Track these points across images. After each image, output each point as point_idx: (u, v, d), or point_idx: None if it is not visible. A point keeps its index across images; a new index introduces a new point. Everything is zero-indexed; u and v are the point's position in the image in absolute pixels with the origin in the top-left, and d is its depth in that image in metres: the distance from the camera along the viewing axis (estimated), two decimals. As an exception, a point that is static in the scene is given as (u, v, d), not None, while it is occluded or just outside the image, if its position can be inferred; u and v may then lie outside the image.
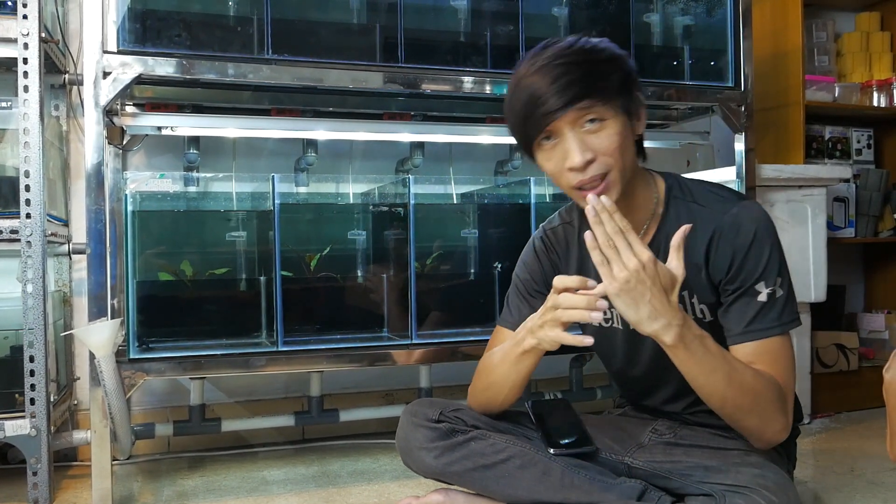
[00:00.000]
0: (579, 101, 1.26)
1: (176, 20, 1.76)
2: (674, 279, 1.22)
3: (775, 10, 2.70)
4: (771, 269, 1.32)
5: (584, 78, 1.27)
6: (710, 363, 1.24)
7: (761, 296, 1.31)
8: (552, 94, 1.26)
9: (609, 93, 1.28)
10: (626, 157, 1.31)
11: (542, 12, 2.07)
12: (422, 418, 1.46)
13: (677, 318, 1.21)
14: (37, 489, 1.69)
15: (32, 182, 1.67)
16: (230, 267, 1.94)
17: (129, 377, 1.68)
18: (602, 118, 1.28)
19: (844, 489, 1.79)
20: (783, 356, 1.32)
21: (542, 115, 1.27)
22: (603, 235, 1.20)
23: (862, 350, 2.75)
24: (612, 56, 1.33)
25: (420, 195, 1.96)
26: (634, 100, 1.34)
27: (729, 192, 1.41)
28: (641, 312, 1.20)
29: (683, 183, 1.44)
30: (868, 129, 3.02)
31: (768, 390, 1.27)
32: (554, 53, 1.30)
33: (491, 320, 2.03)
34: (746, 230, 1.33)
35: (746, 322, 1.32)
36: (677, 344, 1.22)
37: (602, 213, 1.20)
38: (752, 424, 1.30)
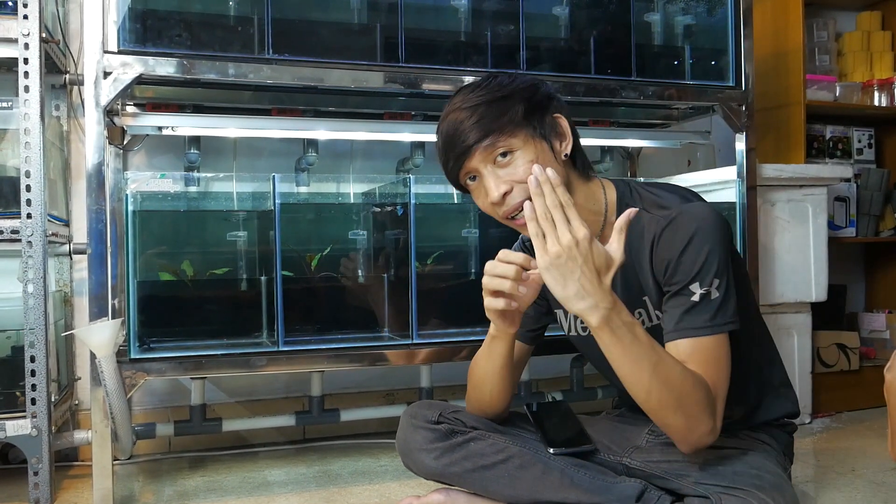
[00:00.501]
0: (483, 139, 1.31)
1: (176, 20, 1.76)
2: (609, 261, 1.20)
3: (776, 9, 2.70)
4: (706, 271, 1.29)
5: (485, 116, 1.32)
6: (636, 351, 1.20)
7: (694, 296, 1.28)
8: (459, 138, 1.33)
9: (512, 125, 1.32)
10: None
11: (542, 12, 2.07)
12: (421, 420, 1.47)
13: (606, 301, 1.18)
14: (38, 489, 1.69)
15: (33, 182, 1.67)
16: (231, 267, 1.94)
17: (130, 377, 1.68)
18: (510, 150, 1.32)
19: (845, 489, 1.79)
20: (714, 358, 1.27)
21: (455, 157, 1.35)
22: (541, 207, 1.19)
23: (863, 350, 2.74)
24: (514, 90, 1.36)
25: (421, 195, 1.96)
26: (548, 123, 1.36)
27: (676, 197, 1.40)
28: (569, 289, 1.18)
29: (635, 189, 1.43)
30: (869, 129, 3.02)
31: (696, 390, 1.22)
32: (461, 98, 1.37)
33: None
34: (684, 232, 1.31)
35: (677, 320, 1.29)
36: (602, 326, 1.19)
37: (545, 185, 1.20)
38: (677, 424, 1.24)
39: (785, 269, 2.39)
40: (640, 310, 1.41)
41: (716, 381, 1.26)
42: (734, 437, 1.47)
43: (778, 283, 2.38)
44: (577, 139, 1.40)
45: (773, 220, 2.37)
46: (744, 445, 1.45)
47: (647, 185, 1.45)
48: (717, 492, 1.30)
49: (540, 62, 2.02)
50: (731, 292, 1.31)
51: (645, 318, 1.41)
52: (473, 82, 1.41)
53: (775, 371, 1.54)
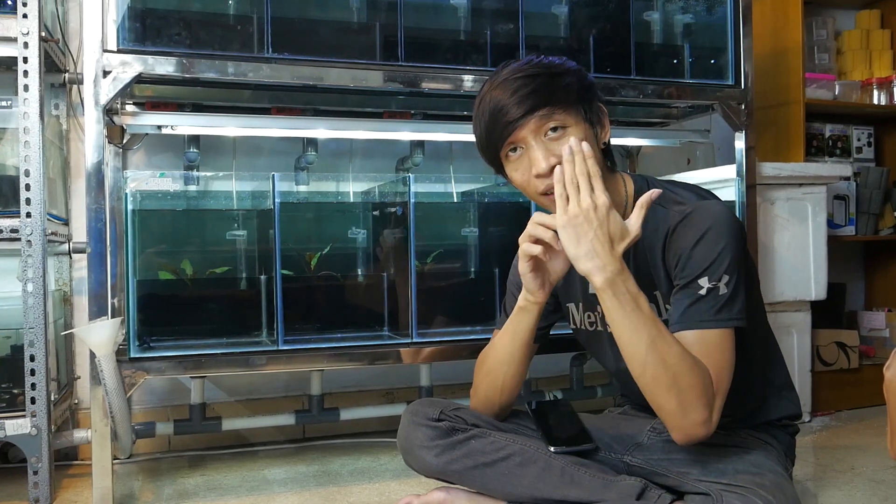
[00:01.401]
0: (540, 109, 1.31)
1: (176, 19, 1.76)
2: (625, 232, 1.25)
3: (775, 7, 2.70)
4: (717, 266, 1.30)
5: (543, 87, 1.32)
6: (636, 320, 1.23)
7: (702, 290, 1.29)
8: (513, 105, 1.32)
9: (568, 101, 1.32)
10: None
11: (542, 10, 2.07)
12: (422, 417, 1.47)
13: (613, 265, 1.23)
14: (37, 488, 1.69)
15: (33, 181, 1.67)
16: (230, 266, 1.94)
17: (130, 376, 1.68)
18: (564, 125, 1.32)
19: (845, 487, 1.79)
20: (716, 351, 1.27)
21: (504, 125, 1.33)
22: (570, 173, 1.26)
23: (862, 348, 2.74)
24: (569, 69, 1.37)
25: (420, 194, 1.96)
26: (595, 109, 1.38)
27: (692, 194, 1.42)
28: (581, 248, 1.24)
29: (653, 185, 1.45)
30: (868, 127, 3.02)
31: (693, 374, 1.22)
32: (512, 69, 1.36)
33: (491, 318, 2.03)
34: (698, 227, 1.32)
35: (682, 310, 1.30)
36: (605, 288, 1.23)
37: (577, 154, 1.26)
38: (669, 406, 1.23)
39: (784, 268, 2.39)
40: (651, 304, 1.40)
41: (717, 374, 1.26)
42: (736, 435, 1.47)
43: (777, 282, 2.38)
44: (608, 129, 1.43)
45: (772, 219, 2.37)
46: (745, 444, 1.45)
47: (664, 182, 1.46)
48: (718, 489, 1.30)
49: (539, 61, 2.02)
50: (740, 291, 1.31)
51: (655, 311, 1.39)
52: (518, 61, 1.39)
53: (778, 373, 1.54)
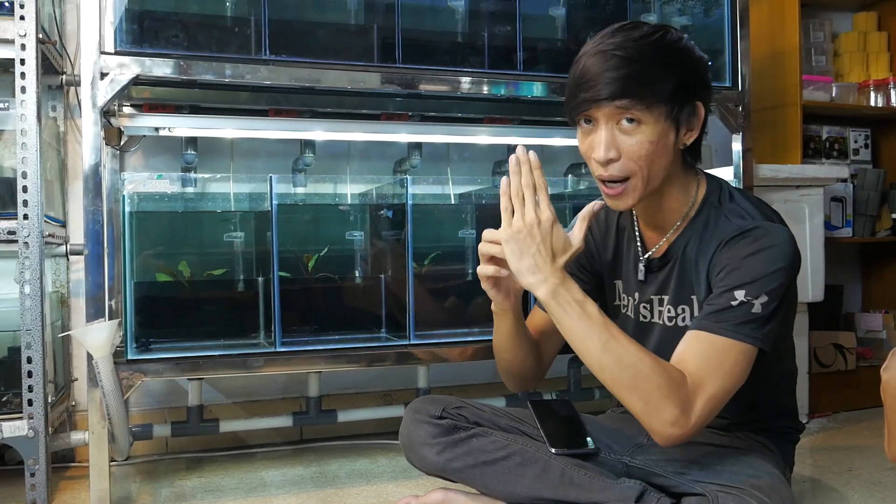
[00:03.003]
0: (619, 98, 1.27)
1: (173, 21, 1.76)
2: (567, 245, 1.27)
3: (773, 10, 2.71)
4: (759, 284, 1.26)
5: (633, 76, 1.27)
6: (585, 325, 1.24)
7: (734, 301, 1.26)
8: (598, 83, 1.27)
9: (656, 98, 1.28)
10: (654, 166, 1.31)
11: (539, 13, 2.07)
12: (425, 415, 1.48)
13: (556, 277, 1.25)
14: (34, 490, 1.69)
15: (30, 183, 1.67)
16: (228, 268, 1.94)
17: (127, 378, 1.67)
18: (639, 121, 1.28)
19: (842, 489, 1.79)
20: (717, 360, 1.24)
21: (583, 99, 1.30)
22: (516, 185, 1.28)
23: (859, 350, 2.75)
24: (679, 60, 1.32)
25: (418, 196, 1.96)
26: (688, 110, 1.33)
27: (759, 212, 1.36)
28: (523, 263, 1.26)
29: (725, 193, 1.41)
30: (865, 129, 3.02)
31: (656, 374, 1.20)
32: (619, 41, 1.30)
33: (489, 320, 2.03)
34: (754, 244, 1.29)
35: (707, 313, 1.28)
36: (549, 299, 1.25)
37: (523, 165, 1.28)
38: (635, 407, 1.22)
39: (782, 270, 2.39)
40: (684, 306, 1.41)
41: (705, 378, 1.23)
42: (735, 438, 1.47)
43: (775, 284, 2.38)
44: (702, 132, 1.38)
45: (769, 221, 2.37)
46: (743, 446, 1.45)
47: (739, 194, 1.42)
48: (714, 490, 1.30)
49: (537, 63, 2.03)
50: (774, 318, 1.28)
51: (686, 316, 1.41)
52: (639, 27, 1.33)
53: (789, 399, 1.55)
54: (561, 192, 2.25)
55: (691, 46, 1.36)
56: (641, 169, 1.30)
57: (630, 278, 1.52)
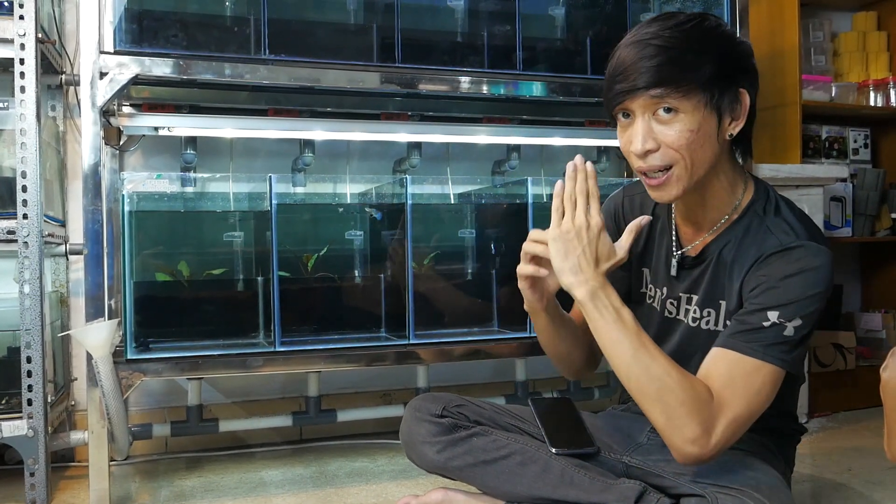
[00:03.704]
0: (656, 87, 1.23)
1: (173, 20, 1.76)
2: (612, 254, 1.28)
3: (772, 9, 2.70)
4: (794, 308, 1.24)
5: (668, 64, 1.23)
6: (618, 331, 1.24)
7: (767, 321, 1.23)
8: (632, 73, 1.25)
9: (694, 84, 1.24)
10: (697, 154, 1.27)
11: (539, 12, 2.07)
12: (425, 413, 1.48)
13: (596, 281, 1.25)
14: (34, 490, 1.69)
15: (29, 182, 1.67)
16: (227, 267, 1.94)
17: (127, 378, 1.68)
18: (676, 109, 1.24)
19: (842, 488, 1.79)
20: (744, 380, 1.22)
21: (617, 91, 1.27)
22: (570, 189, 1.28)
23: (859, 349, 2.75)
24: (718, 45, 1.27)
25: (417, 195, 1.96)
26: (731, 96, 1.28)
27: (805, 230, 1.31)
28: (567, 263, 1.26)
29: (771, 201, 1.37)
30: (865, 129, 3.02)
31: (682, 390, 1.19)
32: (655, 30, 1.26)
33: (489, 320, 2.04)
34: (795, 264, 1.26)
35: (735, 332, 1.26)
36: (587, 300, 1.25)
37: (580, 173, 1.28)
38: (657, 419, 1.22)
39: (781, 269, 2.39)
40: (710, 310, 1.39)
41: (730, 399, 1.21)
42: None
43: (774, 283, 2.38)
44: (751, 122, 1.33)
45: (769, 220, 2.37)
46: (744, 447, 1.44)
47: (786, 206, 1.37)
48: (713, 491, 1.30)
49: (536, 62, 2.03)
50: (804, 343, 1.26)
51: (711, 320, 1.39)
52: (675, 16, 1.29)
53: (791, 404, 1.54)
54: (560, 192, 2.24)
55: (731, 33, 1.32)
56: (684, 157, 1.26)
57: (659, 270, 1.50)
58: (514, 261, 1.53)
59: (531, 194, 2.05)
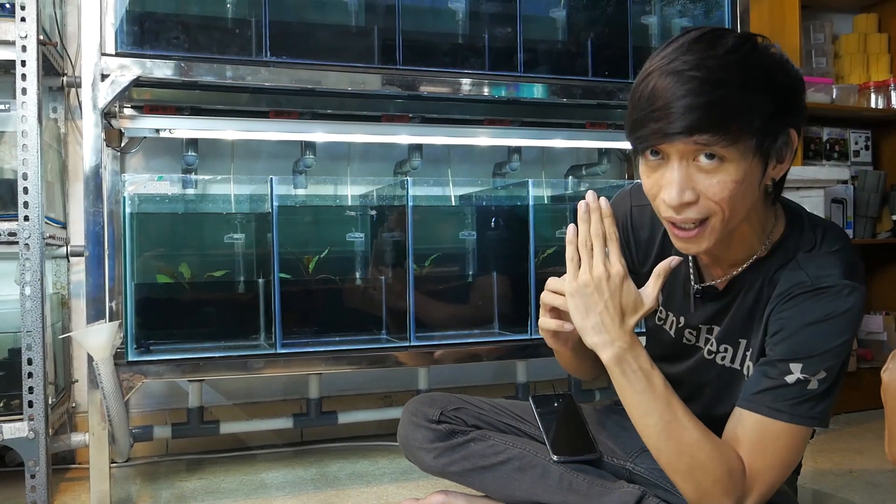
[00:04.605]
0: (701, 132, 1.04)
1: (174, 22, 1.76)
2: (638, 304, 1.15)
3: (773, 11, 2.71)
4: (819, 360, 1.14)
5: (720, 104, 1.04)
6: (648, 401, 1.15)
7: (790, 376, 1.14)
8: (672, 112, 1.05)
9: (744, 131, 1.05)
10: (738, 206, 1.11)
11: (539, 14, 2.07)
12: (422, 418, 1.46)
13: (623, 341, 1.14)
14: (35, 492, 1.69)
15: (30, 184, 1.67)
16: (228, 269, 1.94)
17: (128, 379, 1.67)
18: (722, 158, 1.06)
19: (843, 490, 1.79)
20: (774, 446, 1.14)
21: (653, 131, 1.07)
22: (584, 234, 1.16)
23: (860, 351, 2.75)
24: (772, 80, 1.08)
25: (418, 197, 1.96)
26: (781, 140, 1.11)
27: (840, 270, 1.17)
28: (588, 321, 1.15)
29: (806, 237, 1.22)
30: (866, 131, 3.02)
31: (715, 465, 1.12)
32: (698, 59, 1.05)
33: (490, 322, 2.04)
34: (822, 309, 1.14)
35: (758, 390, 1.16)
36: (613, 366, 1.15)
37: (593, 213, 1.16)
38: (687, 492, 1.15)
39: (782, 271, 2.39)
40: (728, 346, 1.31)
41: (761, 470, 1.14)
42: None
43: (775, 285, 2.38)
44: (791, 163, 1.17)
45: (770, 222, 2.37)
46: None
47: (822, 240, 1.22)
48: None
49: (537, 64, 2.03)
50: (832, 393, 1.16)
51: (727, 357, 1.31)
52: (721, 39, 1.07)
53: None
54: (562, 194, 2.24)
55: (786, 61, 1.12)
56: (723, 210, 1.09)
57: (675, 296, 1.37)
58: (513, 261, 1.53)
59: (532, 196, 2.05)
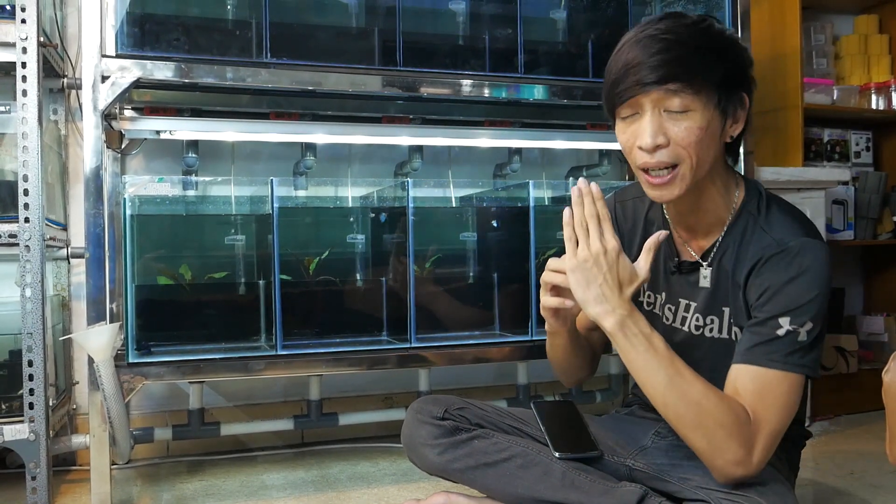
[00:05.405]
0: (670, 81, 1.23)
1: (174, 24, 1.76)
2: (633, 276, 1.27)
3: (773, 12, 2.71)
4: (803, 311, 1.26)
5: (683, 60, 1.23)
6: (651, 360, 1.24)
7: (780, 329, 1.25)
8: (645, 67, 1.23)
9: (706, 84, 1.24)
10: (703, 154, 1.27)
11: (540, 15, 2.07)
12: (426, 415, 1.48)
13: (623, 308, 1.24)
14: (36, 494, 1.69)
15: (31, 186, 1.67)
16: (229, 271, 1.94)
17: (128, 381, 1.67)
18: (687, 108, 1.25)
19: (844, 492, 1.79)
20: (773, 393, 1.24)
21: (629, 85, 1.25)
22: (580, 216, 1.27)
23: (861, 353, 2.74)
24: (727, 48, 1.28)
25: (419, 199, 1.96)
26: (736, 99, 1.30)
27: (800, 226, 1.33)
28: (589, 293, 1.25)
29: (763, 200, 1.38)
30: (867, 132, 3.02)
31: (721, 412, 1.21)
32: (665, 26, 1.26)
33: (490, 323, 2.04)
34: (796, 265, 1.27)
35: (752, 345, 1.26)
36: (616, 332, 1.24)
37: (586, 197, 1.27)
38: (699, 445, 1.23)
39: (783, 272, 2.38)
40: (714, 317, 1.40)
41: (764, 415, 1.23)
42: None
43: (776, 286, 2.38)
44: (746, 127, 1.35)
45: (771, 224, 2.37)
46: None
47: (776, 204, 1.39)
48: (718, 497, 1.30)
49: (538, 66, 2.03)
50: (819, 344, 1.28)
51: (715, 328, 1.40)
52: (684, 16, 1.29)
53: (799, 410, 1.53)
54: (562, 195, 2.24)
55: (738, 39, 1.33)
56: (690, 156, 1.26)
57: (657, 276, 1.50)
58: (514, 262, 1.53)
59: (532, 197, 2.05)
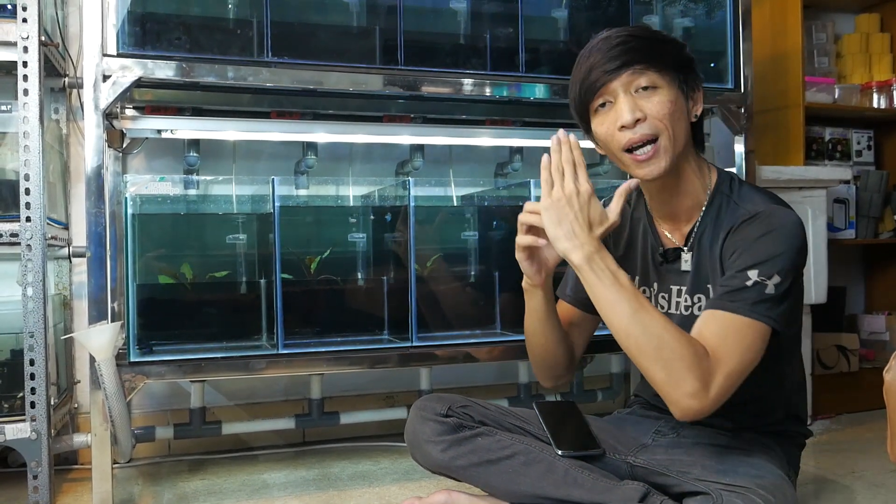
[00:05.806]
0: (634, 64, 1.36)
1: (175, 23, 1.76)
2: (604, 218, 1.33)
3: (775, 11, 2.70)
4: (770, 265, 1.30)
5: (640, 47, 1.37)
6: (616, 293, 1.28)
7: (749, 280, 1.30)
8: (608, 59, 1.37)
9: (664, 63, 1.38)
10: (678, 127, 1.38)
11: (541, 14, 2.07)
12: (430, 413, 1.49)
13: (591, 245, 1.30)
14: (37, 493, 1.69)
15: (32, 185, 1.67)
16: (230, 270, 1.94)
17: (130, 380, 1.68)
18: (655, 85, 1.37)
19: (845, 491, 1.79)
20: (735, 337, 1.27)
21: (597, 76, 1.38)
22: (556, 161, 1.35)
23: (862, 351, 2.74)
24: (670, 38, 1.45)
25: (420, 197, 1.96)
26: (691, 81, 1.43)
27: (768, 198, 1.42)
28: (561, 229, 1.32)
29: (734, 181, 1.48)
30: (868, 131, 3.02)
31: (681, 346, 1.24)
32: (615, 31, 1.41)
33: (491, 322, 2.04)
34: (764, 226, 1.34)
35: (721, 294, 1.32)
36: (583, 265, 1.30)
37: (564, 145, 1.35)
38: (656, 375, 1.25)
39: (784, 271, 2.38)
40: (700, 295, 1.45)
41: (724, 355, 1.26)
42: (740, 438, 1.47)
43: (777, 285, 2.37)
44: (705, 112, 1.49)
45: (772, 222, 2.37)
46: (747, 446, 1.46)
47: (747, 184, 1.49)
48: (717, 489, 1.30)
49: (539, 65, 2.03)
50: (787, 299, 1.31)
51: (703, 304, 1.44)
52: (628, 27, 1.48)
53: (800, 400, 1.55)
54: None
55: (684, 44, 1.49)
56: (667, 127, 1.36)
57: (648, 270, 1.55)
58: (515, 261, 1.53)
59: (534, 196, 2.04)
